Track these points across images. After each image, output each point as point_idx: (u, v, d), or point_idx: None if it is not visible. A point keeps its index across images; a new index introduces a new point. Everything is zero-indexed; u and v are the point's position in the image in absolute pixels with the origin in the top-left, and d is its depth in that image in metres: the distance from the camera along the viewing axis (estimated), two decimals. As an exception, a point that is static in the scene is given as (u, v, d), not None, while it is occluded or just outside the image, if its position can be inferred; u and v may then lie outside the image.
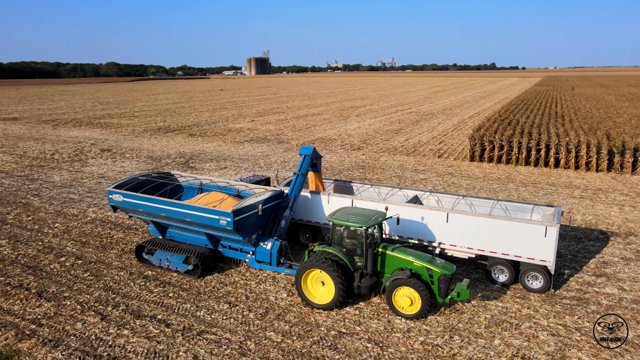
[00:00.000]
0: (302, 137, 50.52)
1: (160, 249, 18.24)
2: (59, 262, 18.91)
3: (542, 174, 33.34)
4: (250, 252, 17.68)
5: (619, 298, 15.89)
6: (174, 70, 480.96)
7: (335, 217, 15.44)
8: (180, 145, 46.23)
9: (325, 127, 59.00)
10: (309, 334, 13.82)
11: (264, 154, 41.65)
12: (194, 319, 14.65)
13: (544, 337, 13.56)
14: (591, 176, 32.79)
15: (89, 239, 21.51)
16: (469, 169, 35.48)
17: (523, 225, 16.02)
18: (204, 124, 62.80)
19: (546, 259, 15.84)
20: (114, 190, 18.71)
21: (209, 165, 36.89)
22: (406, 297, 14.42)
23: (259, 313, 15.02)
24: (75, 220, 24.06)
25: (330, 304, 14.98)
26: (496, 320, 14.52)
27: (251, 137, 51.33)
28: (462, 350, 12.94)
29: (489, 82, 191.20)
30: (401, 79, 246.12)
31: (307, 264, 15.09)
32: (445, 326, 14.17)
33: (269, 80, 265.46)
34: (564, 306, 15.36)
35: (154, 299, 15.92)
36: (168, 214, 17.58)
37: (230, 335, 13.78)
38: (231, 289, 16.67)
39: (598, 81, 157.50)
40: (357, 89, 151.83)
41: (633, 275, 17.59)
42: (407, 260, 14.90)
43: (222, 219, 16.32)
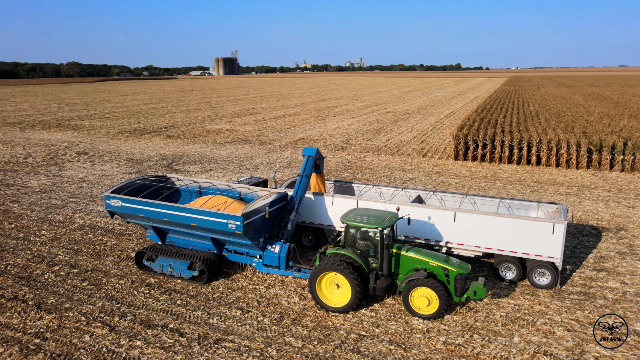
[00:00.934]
0: (283, 138, 50.14)
1: (162, 255, 17.65)
2: (52, 272, 18.03)
3: (526, 172, 34.14)
4: (257, 256, 17.30)
5: (622, 292, 16.35)
6: (139, 70, 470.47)
7: (349, 218, 15.28)
8: (160, 148, 45.08)
9: (305, 127, 58.77)
10: (329, 338, 13.61)
11: (248, 155, 41.08)
12: (207, 327, 14.20)
13: (561, 333, 13.79)
14: (572, 173, 33.79)
15: (80, 246, 20.62)
16: (454, 167, 35.97)
17: (531, 223, 16.28)
18: (181, 125, 61.51)
19: (554, 256, 16.15)
20: (111, 195, 17.98)
21: (193, 168, 36.08)
22: (423, 298, 14.40)
23: (274, 318, 14.70)
24: (62, 227, 23.03)
25: (346, 306, 14.80)
26: (511, 317, 14.68)
27: (231, 138, 50.57)
28: (485, 349, 13.01)
29: (457, 82, 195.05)
30: (371, 79, 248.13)
31: (322, 267, 14.87)
32: (463, 325, 14.23)
33: (239, 80, 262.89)
34: (573, 301, 15.69)
35: (161, 307, 15.36)
36: (172, 218, 17.01)
37: (249, 342, 13.42)
38: (240, 294, 16.27)
39: (560, 81, 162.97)
40: (329, 89, 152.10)
41: (631, 269, 18.15)
42: (423, 261, 14.89)
43: (231, 223, 15.91)
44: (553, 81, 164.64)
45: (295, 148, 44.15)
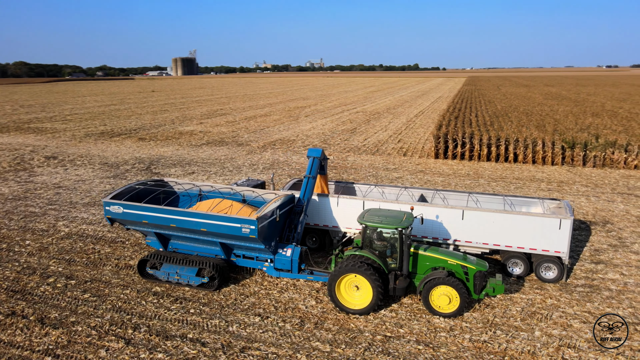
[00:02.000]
0: (260, 139, 49.56)
1: (167, 262, 16.99)
2: (48, 284, 17.02)
3: (505, 169, 35.14)
4: (268, 260, 16.94)
5: (623, 283, 17.06)
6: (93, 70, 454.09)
7: (366, 219, 15.19)
8: (134, 150, 43.54)
9: (279, 128, 58.30)
10: (356, 341, 13.48)
11: (228, 157, 40.32)
12: (229, 335, 13.77)
13: (578, 325, 14.22)
14: (549, 169, 35.05)
15: (72, 256, 19.58)
16: (436, 166, 36.57)
17: (538, 219, 16.72)
18: (150, 127, 59.69)
19: (561, 250, 16.65)
20: (111, 202, 17.15)
21: (174, 171, 35.05)
22: (444, 296, 14.51)
23: (295, 323, 14.43)
24: (48, 236, 21.82)
25: (367, 308, 14.72)
26: (527, 312, 15.01)
27: (207, 140, 49.51)
28: (510, 345, 13.23)
29: (418, 82, 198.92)
30: (334, 79, 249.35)
31: (342, 269, 14.71)
32: (484, 322, 14.43)
33: (200, 81, 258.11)
34: (580, 294, 16.22)
35: (175, 317, 14.78)
36: (180, 224, 16.40)
37: (276, 349, 13.10)
38: (255, 300, 15.88)
39: (516, 81, 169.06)
40: (294, 89, 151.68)
41: (625, 260, 18.96)
42: (442, 259, 15.00)
43: (245, 227, 15.50)
44: (509, 81, 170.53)
45: (274, 149, 43.72)
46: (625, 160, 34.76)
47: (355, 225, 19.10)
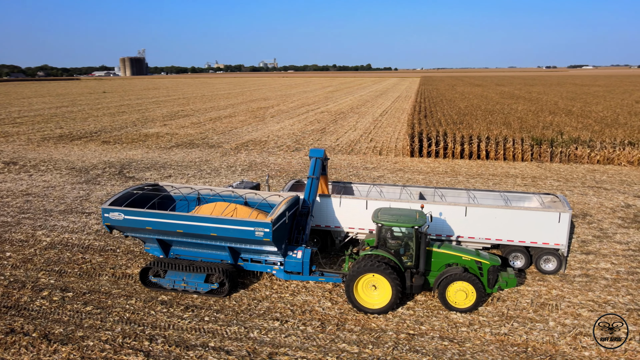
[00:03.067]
0: (231, 140, 48.72)
1: (171, 270, 16.37)
2: (43, 298, 15.98)
3: (480, 166, 36.27)
4: (278, 263, 16.66)
5: (615, 272, 18.01)
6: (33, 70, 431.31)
7: (381, 218, 15.24)
8: (100, 154, 41.66)
9: (248, 129, 57.54)
10: (381, 340, 13.50)
11: (202, 159, 39.36)
12: (252, 342, 13.44)
13: (587, 314, 14.88)
14: (520, 166, 36.50)
15: (62, 267, 18.48)
16: (413, 164, 37.24)
17: (539, 213, 17.37)
18: (111, 129, 57.34)
19: (560, 243, 17.37)
20: (110, 208, 16.32)
21: (149, 174, 33.82)
22: (461, 292, 14.78)
23: (316, 326, 14.27)
24: (29, 247, 20.50)
25: (386, 307, 14.77)
26: (537, 303, 15.55)
27: (175, 142, 48.12)
28: (530, 336, 13.67)
29: (374, 82, 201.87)
30: (290, 80, 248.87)
31: (360, 269, 14.70)
32: (499, 315, 14.83)
33: (152, 81, 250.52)
34: (580, 284, 16.99)
35: (191, 326, 14.26)
36: (188, 229, 15.84)
37: (304, 353, 12.91)
38: (269, 304, 15.58)
39: (468, 81, 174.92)
40: (252, 89, 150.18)
41: (612, 250, 20.02)
42: (456, 256, 15.29)
43: (259, 230, 15.17)
44: (461, 81, 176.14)
45: (248, 150, 43.10)
46: (588, 156, 36.72)
47: (358, 225, 19.16)
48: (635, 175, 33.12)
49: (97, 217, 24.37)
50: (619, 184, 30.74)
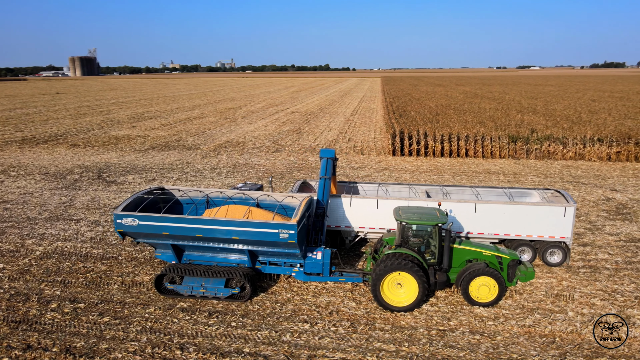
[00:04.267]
0: (207, 142, 47.79)
1: (188, 275, 15.90)
2: (53, 310, 15.15)
3: (461, 164, 37.23)
4: (297, 265, 16.50)
5: (614, 261, 18.96)
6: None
7: (404, 217, 15.39)
8: (72, 158, 39.85)
9: (221, 130, 56.61)
10: (415, 337, 13.64)
11: (183, 161, 38.40)
12: (287, 345, 13.26)
13: (600, 302, 15.59)
14: (499, 163, 37.74)
15: (64, 277, 17.58)
16: (397, 163, 37.76)
17: (545, 208, 18.05)
18: (77, 132, 54.98)
19: (565, 236, 18.11)
20: (123, 214, 15.65)
21: (132, 178, 32.68)
22: (484, 286, 15.14)
23: (347, 326, 14.25)
24: (22, 257, 19.38)
25: (412, 304, 14.93)
26: (551, 295, 16.15)
27: (150, 144, 46.71)
28: (555, 327, 14.18)
29: (336, 82, 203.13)
30: (251, 80, 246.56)
31: (387, 268, 14.78)
32: (520, 307, 15.30)
33: (107, 82, 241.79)
34: (585, 274, 17.78)
35: (219, 332, 13.91)
36: (208, 233, 15.42)
37: (343, 354, 12.86)
38: (293, 307, 15.41)
39: (428, 81, 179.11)
40: (214, 90, 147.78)
41: (605, 241, 21.06)
42: (477, 252, 15.65)
43: (283, 232, 14.98)
44: (421, 81, 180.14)
45: (228, 152, 42.42)
46: (561, 152, 38.44)
47: (368, 225, 19.28)
48: (606, 170, 34.94)
49: (88, 224, 23.33)
50: (594, 179, 32.35)
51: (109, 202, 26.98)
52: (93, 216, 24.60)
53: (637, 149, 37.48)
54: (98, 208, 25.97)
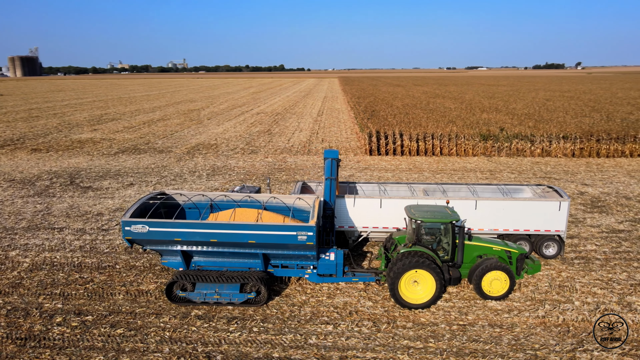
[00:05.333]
0: (178, 144, 46.58)
1: (200, 282, 15.47)
2: (60, 325, 14.34)
3: (438, 162, 38.16)
4: (310, 267, 16.40)
5: (602, 252, 20.04)
6: None
7: (418, 216, 15.62)
8: (37, 163, 37.77)
9: (190, 132, 55.32)
10: (439, 334, 13.90)
11: (158, 165, 37.24)
12: (315, 348, 13.18)
13: (600, 291, 16.45)
14: (473, 160, 38.96)
15: (63, 289, 16.67)
16: (375, 162, 38.23)
17: (541, 203, 18.83)
18: (34, 136, 52.15)
19: (560, 229, 18.98)
20: (132, 221, 15.02)
21: (108, 183, 31.36)
22: (496, 280, 15.63)
23: (370, 326, 14.32)
24: (9, 270, 18.22)
25: (429, 301, 15.20)
26: (555, 286, 16.88)
27: (118, 148, 44.98)
28: (566, 316, 14.83)
29: (294, 83, 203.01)
30: (206, 81, 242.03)
31: (405, 266, 14.97)
32: (530, 299, 15.89)
33: (53, 83, 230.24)
34: (580, 265, 18.69)
35: (244, 338, 13.63)
36: (223, 238, 15.05)
37: (373, 353, 12.93)
38: (310, 309, 15.33)
39: (385, 81, 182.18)
40: (170, 91, 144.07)
41: (589, 233, 22.21)
42: (487, 247, 16.13)
43: (301, 235, 14.85)
44: (379, 81, 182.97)
45: (203, 154, 41.53)
46: (530, 149, 40.17)
47: (372, 225, 19.45)
48: (573, 166, 36.84)
49: (74, 233, 22.22)
50: (564, 174, 34.04)
51: (90, 209, 25.80)
52: (76, 224, 23.44)
53: (598, 146, 39.75)
54: (79, 215, 24.77)
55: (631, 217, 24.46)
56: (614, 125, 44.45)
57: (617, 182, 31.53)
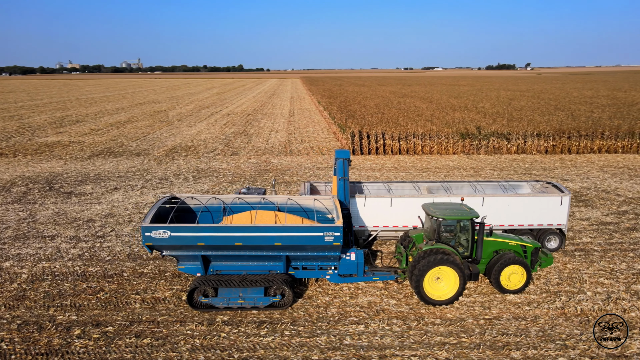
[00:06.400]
0: (154, 147, 45.26)
1: (223, 287, 15.11)
2: (80, 337, 13.64)
3: (421, 161, 38.85)
4: (331, 268, 16.33)
5: (597, 243, 21.00)
6: None
7: (439, 213, 15.85)
8: (7, 169, 35.76)
9: (163, 134, 53.87)
10: (468, 329, 14.17)
11: (139, 168, 36.05)
12: (353, 349, 13.14)
13: (607, 281, 17.24)
14: (453, 158, 39.90)
15: (73, 300, 15.87)
16: (360, 162, 38.46)
17: (545, 198, 19.54)
18: (-4, 139, 49.34)
19: (562, 223, 19.75)
20: (153, 226, 14.47)
21: (91, 188, 30.08)
22: (514, 274, 16.08)
23: (400, 324, 14.42)
24: (8, 282, 17.17)
25: (453, 297, 15.46)
26: (564, 277, 17.55)
27: (91, 151, 43.22)
28: (583, 307, 15.44)
29: (257, 83, 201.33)
30: (166, 81, 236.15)
31: (430, 264, 15.17)
32: (545, 291, 16.45)
33: (0, 83, 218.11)
34: (582, 257, 19.52)
35: (278, 342, 13.42)
36: (248, 241, 14.75)
37: (411, 351, 13.03)
38: (337, 310, 15.27)
39: (349, 81, 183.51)
40: (130, 92, 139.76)
41: (581, 226, 23.21)
42: (503, 242, 16.58)
43: (328, 235, 14.78)
44: (342, 81, 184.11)
45: (184, 157, 40.55)
46: (506, 147, 41.57)
47: (382, 224, 19.59)
48: (548, 162, 38.40)
49: (67, 240, 21.20)
50: (543, 170, 35.43)
51: (78, 216, 24.67)
52: (68, 232, 22.36)
53: (569, 143, 41.61)
54: (69, 222, 23.64)
55: (615, 209, 25.74)
56: (580, 123, 46.62)
57: (593, 177, 33.11)
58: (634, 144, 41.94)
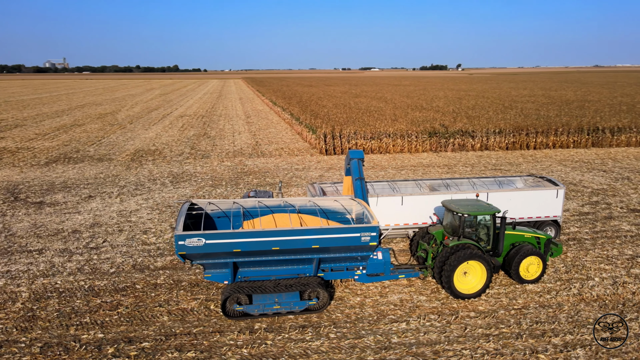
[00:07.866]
0: (115, 152, 43.01)
1: (257, 294, 14.70)
2: (115, 356, 12.74)
3: (394, 159, 39.66)
4: (360, 268, 16.33)
5: (584, 232, 22.50)
6: None
7: (463, 210, 16.31)
8: (-45, 179, 32.55)
9: (119, 138, 51.29)
10: (504, 320, 14.69)
11: (108, 175, 34.11)
12: (404, 347, 13.23)
13: (607, 267, 18.51)
14: (423, 156, 41.08)
15: (93, 317, 14.78)
16: (335, 162, 38.64)
17: (542, 192, 20.66)
18: None
19: (557, 214, 20.97)
20: (187, 234, 13.76)
21: (62, 197, 28.08)
22: (532, 265, 16.88)
23: (439, 320, 14.70)
24: (9, 302, 15.68)
25: (480, 291, 15.98)
26: (569, 266, 18.65)
27: (46, 157, 40.32)
28: (596, 291, 16.48)
29: (199, 84, 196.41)
30: (100, 82, 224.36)
31: (460, 259, 15.58)
32: (559, 280, 17.39)
33: None
34: (579, 246, 20.80)
35: (328, 346, 13.25)
36: (286, 245, 14.40)
37: (459, 345, 13.33)
38: (372, 309, 15.32)
39: (294, 81, 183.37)
40: (65, 94, 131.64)
41: (565, 217, 24.74)
42: (520, 235, 17.34)
43: (365, 236, 14.76)
44: (287, 81, 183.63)
45: (152, 161, 38.84)
46: (471, 144, 43.42)
47: (393, 222, 19.86)
48: (512, 158, 40.54)
49: (59, 254, 19.70)
50: (509, 166, 37.36)
51: (59, 227, 22.96)
52: (55, 244, 20.77)
53: (527, 139, 44.17)
54: (52, 235, 21.96)
55: (587, 200, 27.65)
56: (532, 120, 49.62)
57: (556, 171, 35.36)
58: (583, 140, 45.24)
